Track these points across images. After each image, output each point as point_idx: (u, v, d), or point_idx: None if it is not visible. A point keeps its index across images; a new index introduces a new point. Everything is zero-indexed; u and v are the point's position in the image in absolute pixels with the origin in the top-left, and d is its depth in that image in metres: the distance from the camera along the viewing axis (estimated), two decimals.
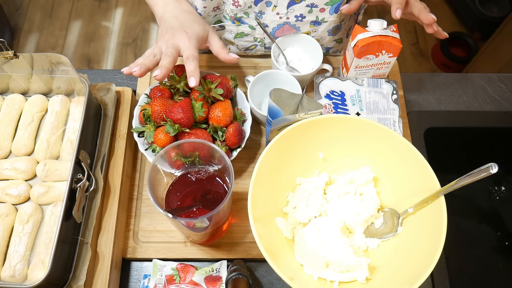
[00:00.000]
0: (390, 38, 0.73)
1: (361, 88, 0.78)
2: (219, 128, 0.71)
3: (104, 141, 0.72)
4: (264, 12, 0.83)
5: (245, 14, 0.84)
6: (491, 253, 0.91)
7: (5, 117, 0.74)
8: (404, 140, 0.65)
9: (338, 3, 0.80)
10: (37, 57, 0.72)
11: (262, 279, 0.71)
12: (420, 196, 0.62)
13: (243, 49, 0.94)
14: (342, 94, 0.77)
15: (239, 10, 0.82)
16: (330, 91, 0.77)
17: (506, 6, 2.02)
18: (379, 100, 0.77)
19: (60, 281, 0.61)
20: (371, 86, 0.78)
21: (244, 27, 0.87)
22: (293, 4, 0.80)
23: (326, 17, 0.83)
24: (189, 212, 0.62)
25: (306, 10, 0.81)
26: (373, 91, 0.78)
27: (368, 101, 0.77)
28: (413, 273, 0.57)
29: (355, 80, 0.79)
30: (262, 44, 0.92)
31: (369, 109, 0.76)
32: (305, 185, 0.69)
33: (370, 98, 0.77)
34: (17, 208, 0.67)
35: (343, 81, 0.79)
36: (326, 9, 0.81)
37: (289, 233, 0.66)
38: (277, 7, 0.81)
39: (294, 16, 0.83)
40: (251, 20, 0.85)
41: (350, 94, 0.77)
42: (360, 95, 0.77)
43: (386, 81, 0.79)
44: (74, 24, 2.16)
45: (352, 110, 0.76)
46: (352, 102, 0.77)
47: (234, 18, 0.85)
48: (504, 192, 0.97)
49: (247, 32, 0.88)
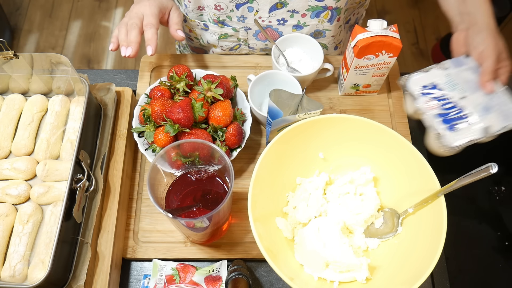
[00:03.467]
0: (390, 38, 0.73)
1: (450, 71, 0.70)
2: (219, 128, 0.71)
3: (104, 141, 0.72)
4: (246, 17, 0.84)
5: (228, 17, 0.85)
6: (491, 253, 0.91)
7: (5, 117, 0.74)
8: (404, 139, 0.65)
9: (318, 10, 0.82)
10: (37, 57, 0.72)
11: (262, 279, 0.71)
12: (420, 196, 0.62)
13: (227, 49, 0.94)
14: (434, 86, 0.69)
15: (222, 13, 0.84)
16: (423, 87, 0.70)
17: (506, 6, 2.02)
18: (473, 76, 0.69)
19: (60, 281, 0.61)
20: (457, 66, 0.70)
21: (227, 29, 0.88)
22: (275, 10, 0.82)
23: (308, 21, 0.85)
24: (189, 212, 0.62)
25: (288, 15, 0.83)
26: (463, 70, 0.70)
27: (465, 81, 0.69)
28: (413, 273, 0.57)
29: (438, 67, 0.71)
30: (246, 44, 0.92)
31: (471, 88, 0.68)
32: (305, 185, 0.69)
33: (464, 77, 0.69)
34: (17, 208, 0.67)
35: (427, 72, 0.70)
36: (307, 14, 0.83)
37: (289, 233, 0.66)
38: (259, 11, 0.82)
39: (276, 20, 0.84)
40: (234, 23, 0.86)
41: (444, 82, 0.69)
42: (453, 79, 0.69)
43: (465, 57, 0.71)
44: (74, 24, 2.16)
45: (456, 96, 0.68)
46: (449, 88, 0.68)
47: (218, 21, 0.86)
48: (504, 192, 0.96)
49: (230, 34, 0.89)
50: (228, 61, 0.89)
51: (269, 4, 0.80)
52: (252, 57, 0.90)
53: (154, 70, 0.87)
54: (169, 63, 0.88)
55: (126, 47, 0.72)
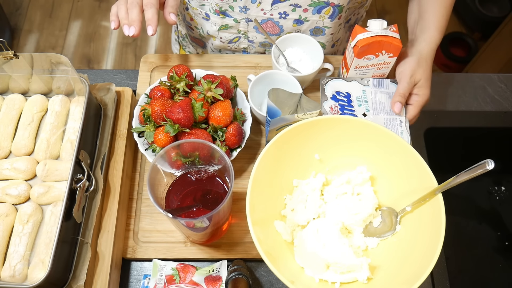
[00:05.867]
0: (390, 38, 0.73)
1: (367, 89, 0.78)
2: (219, 128, 0.71)
3: (104, 141, 0.72)
4: (248, 8, 0.84)
5: (230, 7, 0.84)
6: (491, 253, 0.91)
7: (5, 117, 0.74)
8: (400, 138, 0.65)
9: (320, 6, 0.82)
10: (37, 57, 0.72)
11: (262, 279, 0.71)
12: (418, 194, 0.62)
13: (226, 42, 0.94)
14: (348, 95, 0.77)
15: (224, 3, 0.83)
16: (336, 92, 0.77)
17: (506, 6, 2.02)
18: (385, 101, 0.77)
19: (60, 281, 0.61)
20: (377, 86, 0.78)
21: (228, 20, 0.87)
22: (278, 2, 0.82)
23: (309, 17, 0.85)
24: (189, 212, 0.62)
25: (290, 9, 0.83)
26: (379, 92, 0.78)
27: (374, 101, 0.77)
28: (414, 271, 0.57)
29: (360, 81, 0.79)
30: (246, 36, 0.92)
31: (375, 110, 0.76)
32: (302, 187, 0.69)
33: (376, 99, 0.77)
34: (17, 208, 0.67)
35: (349, 82, 0.79)
36: (309, 9, 0.83)
37: (288, 236, 0.66)
38: (262, 3, 0.82)
39: (278, 13, 0.84)
40: (236, 14, 0.86)
41: (356, 95, 0.77)
42: (366, 96, 0.77)
43: (391, 81, 0.79)
44: (74, 24, 2.16)
45: (359, 111, 0.76)
46: (358, 103, 0.77)
47: (219, 12, 0.86)
48: (504, 192, 0.97)
49: (231, 25, 0.88)
50: (228, 61, 0.89)
51: None
52: (252, 57, 0.90)
53: (154, 70, 0.87)
54: (169, 63, 0.88)
55: (129, 26, 0.70)
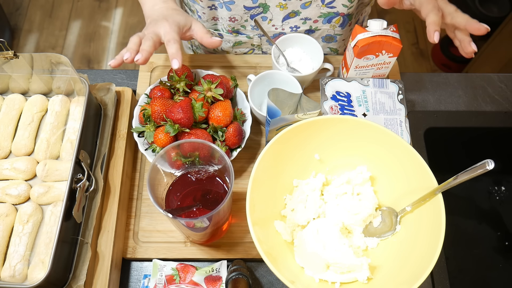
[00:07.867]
0: (390, 38, 0.73)
1: (367, 89, 0.78)
2: (219, 128, 0.71)
3: (104, 141, 0.72)
4: None
5: (242, 27, 0.86)
6: (491, 253, 0.91)
7: (5, 117, 0.74)
8: (400, 138, 0.64)
9: (330, 16, 0.82)
10: (37, 57, 0.72)
11: (262, 279, 0.71)
12: (418, 194, 0.62)
13: (241, 54, 0.95)
14: (348, 95, 0.77)
15: (236, 24, 0.85)
16: (336, 92, 0.77)
17: (506, 6, 2.02)
18: (385, 101, 0.77)
19: (60, 281, 0.61)
20: (376, 86, 0.78)
21: (241, 37, 0.89)
22: (288, 18, 0.83)
23: (320, 26, 0.86)
24: (189, 212, 0.62)
25: (301, 22, 0.84)
26: (379, 92, 0.78)
27: (374, 101, 0.77)
28: (414, 271, 0.57)
29: (360, 81, 0.79)
30: (260, 48, 0.94)
31: (375, 110, 0.76)
32: (302, 187, 0.69)
33: (376, 99, 0.77)
34: (17, 208, 0.67)
35: (349, 82, 0.78)
36: (319, 20, 0.84)
37: (288, 236, 0.66)
38: (272, 20, 0.83)
39: (289, 28, 0.86)
40: (248, 31, 0.87)
41: (356, 95, 0.77)
42: (366, 96, 0.77)
43: (391, 81, 0.79)
44: (74, 24, 2.16)
45: (359, 111, 0.76)
46: (358, 103, 0.77)
47: (232, 31, 0.87)
48: (504, 192, 0.96)
49: (244, 41, 0.89)
50: (228, 61, 0.89)
51: (283, 14, 0.82)
52: (252, 57, 0.90)
53: (154, 70, 0.87)
54: (169, 63, 0.88)
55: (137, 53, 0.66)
